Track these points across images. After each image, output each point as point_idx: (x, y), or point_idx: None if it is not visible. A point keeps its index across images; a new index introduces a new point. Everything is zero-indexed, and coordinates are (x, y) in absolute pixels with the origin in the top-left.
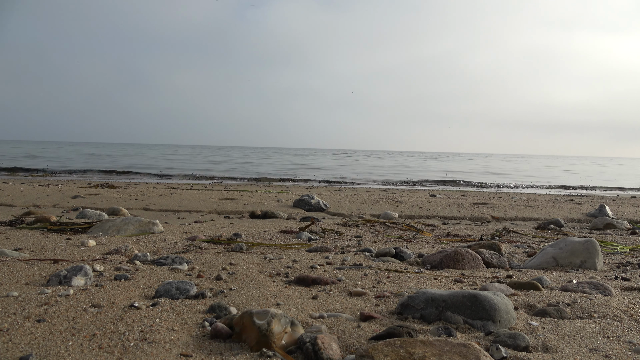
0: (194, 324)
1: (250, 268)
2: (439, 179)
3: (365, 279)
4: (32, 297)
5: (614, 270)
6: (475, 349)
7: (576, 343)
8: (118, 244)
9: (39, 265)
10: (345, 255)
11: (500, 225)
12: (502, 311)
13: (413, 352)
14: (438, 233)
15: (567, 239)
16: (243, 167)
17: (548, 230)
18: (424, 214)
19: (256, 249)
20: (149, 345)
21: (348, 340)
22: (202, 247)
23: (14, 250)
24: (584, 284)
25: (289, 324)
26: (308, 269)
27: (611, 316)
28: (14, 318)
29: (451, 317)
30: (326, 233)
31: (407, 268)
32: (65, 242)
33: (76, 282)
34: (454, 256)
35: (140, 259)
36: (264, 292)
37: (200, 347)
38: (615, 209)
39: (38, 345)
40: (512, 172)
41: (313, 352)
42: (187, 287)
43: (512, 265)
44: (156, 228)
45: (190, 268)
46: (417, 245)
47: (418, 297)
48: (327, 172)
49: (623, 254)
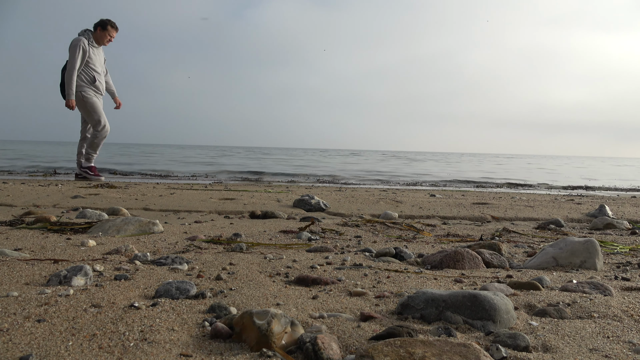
0: (194, 324)
1: (250, 268)
2: (440, 179)
3: (365, 279)
4: (32, 297)
5: (614, 270)
6: (475, 349)
7: (576, 343)
8: (118, 244)
9: (39, 265)
10: (345, 255)
11: (500, 225)
12: (502, 311)
13: (413, 352)
14: (438, 233)
15: (567, 239)
16: (242, 167)
17: (548, 230)
18: (424, 214)
19: (256, 249)
20: (149, 345)
21: (348, 340)
22: (202, 247)
23: (14, 250)
24: (584, 284)
25: (289, 324)
26: (308, 269)
27: (611, 316)
28: (14, 318)
29: (451, 317)
30: (326, 233)
31: (407, 268)
32: (65, 242)
33: (76, 282)
34: (454, 256)
35: (140, 259)
36: (264, 292)
37: (200, 347)
38: (615, 209)
39: (38, 345)
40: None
41: (313, 352)
42: (187, 287)
43: (512, 265)
44: (156, 228)
45: (190, 268)
46: (417, 245)
47: (418, 297)
48: (327, 172)
49: (623, 254)
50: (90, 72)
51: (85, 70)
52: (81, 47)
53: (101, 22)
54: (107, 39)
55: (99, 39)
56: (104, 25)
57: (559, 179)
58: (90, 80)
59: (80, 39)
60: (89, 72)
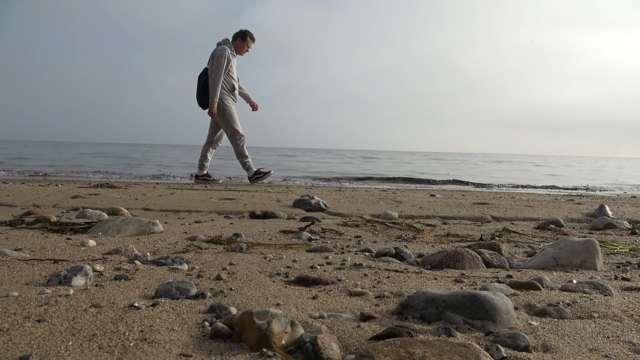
0: (194, 324)
1: (250, 268)
2: (440, 179)
3: (365, 279)
4: (32, 297)
5: (614, 270)
6: (475, 349)
7: (576, 343)
8: (118, 244)
9: (39, 265)
10: (345, 255)
11: (500, 225)
12: (502, 311)
13: (413, 352)
14: (438, 233)
15: (567, 239)
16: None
17: (548, 230)
18: (424, 214)
19: (256, 249)
20: (149, 345)
21: (348, 340)
22: (202, 247)
23: (14, 250)
24: (584, 284)
25: (289, 324)
26: (308, 269)
27: (611, 316)
28: (14, 318)
29: (451, 317)
30: (326, 233)
31: (407, 268)
32: (65, 242)
33: (76, 282)
34: (454, 256)
35: (140, 259)
36: (264, 292)
37: (200, 347)
38: (615, 209)
39: (38, 345)
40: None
41: (313, 352)
42: (187, 287)
43: (512, 265)
44: (156, 228)
45: (190, 268)
46: (417, 245)
47: (418, 297)
48: (327, 171)
49: (623, 254)
50: (231, 80)
51: (226, 79)
52: (226, 56)
53: (241, 33)
54: (245, 49)
55: (237, 48)
56: (243, 36)
57: (559, 179)
58: (230, 89)
59: (226, 48)
60: (230, 80)
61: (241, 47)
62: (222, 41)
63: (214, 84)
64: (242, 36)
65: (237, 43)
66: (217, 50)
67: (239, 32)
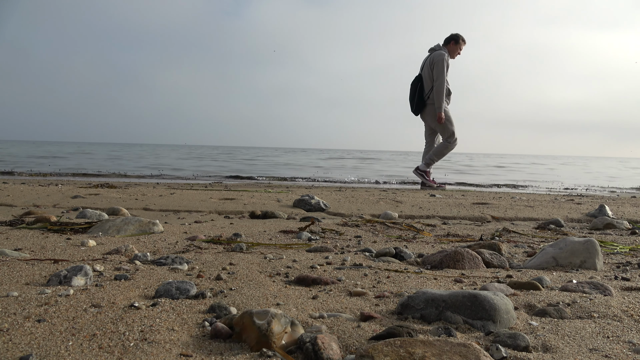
0: (194, 324)
1: (250, 268)
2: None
3: (365, 279)
4: (32, 297)
5: (614, 270)
6: (475, 349)
7: (576, 343)
8: (118, 244)
9: (39, 265)
10: (345, 255)
11: (500, 225)
12: (502, 311)
13: (413, 352)
14: (438, 233)
15: (567, 239)
16: (242, 166)
17: (548, 230)
18: (424, 214)
19: (256, 249)
20: (149, 345)
21: (348, 340)
22: (202, 247)
23: (14, 250)
24: (584, 284)
25: (289, 324)
26: (308, 269)
27: (611, 316)
28: (14, 318)
29: (451, 317)
30: (326, 233)
31: (407, 268)
32: (65, 242)
33: (76, 282)
34: (454, 256)
35: (140, 259)
36: (264, 292)
37: (200, 347)
38: (615, 209)
39: (38, 345)
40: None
41: (313, 352)
42: (187, 287)
43: (512, 265)
44: (156, 228)
45: (190, 268)
46: (417, 245)
47: (418, 297)
48: (327, 171)
49: (623, 254)
50: (447, 85)
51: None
52: (446, 61)
53: (454, 37)
54: (457, 52)
55: (451, 52)
56: (457, 39)
57: (559, 179)
58: (447, 93)
59: (444, 54)
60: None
61: (454, 50)
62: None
63: (439, 90)
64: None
65: (450, 47)
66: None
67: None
